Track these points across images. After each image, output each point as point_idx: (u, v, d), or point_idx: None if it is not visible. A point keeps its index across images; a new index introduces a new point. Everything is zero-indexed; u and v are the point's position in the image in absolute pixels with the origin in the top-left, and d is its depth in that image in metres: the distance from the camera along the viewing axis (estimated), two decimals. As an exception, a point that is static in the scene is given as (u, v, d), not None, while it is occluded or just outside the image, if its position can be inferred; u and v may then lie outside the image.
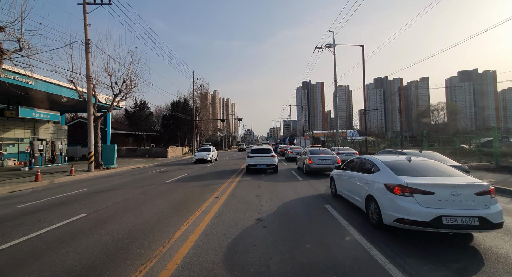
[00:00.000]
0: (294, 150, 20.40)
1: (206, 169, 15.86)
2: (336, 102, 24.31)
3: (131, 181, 11.06)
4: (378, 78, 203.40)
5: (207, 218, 4.96)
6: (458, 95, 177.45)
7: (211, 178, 11.13)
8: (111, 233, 4.23)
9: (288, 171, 13.32)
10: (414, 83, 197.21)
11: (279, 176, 11.39)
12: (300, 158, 13.21)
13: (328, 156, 11.18)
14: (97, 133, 16.16)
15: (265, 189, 8.05)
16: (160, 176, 12.43)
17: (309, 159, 11.10)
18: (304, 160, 11.95)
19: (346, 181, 5.74)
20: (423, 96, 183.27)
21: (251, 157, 12.58)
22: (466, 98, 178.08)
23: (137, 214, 5.41)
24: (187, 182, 10.07)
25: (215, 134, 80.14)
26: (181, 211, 5.59)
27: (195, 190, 8.14)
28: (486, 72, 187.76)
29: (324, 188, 8.18)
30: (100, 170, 15.70)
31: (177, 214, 5.35)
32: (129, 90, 17.44)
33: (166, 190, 8.38)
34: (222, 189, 8.33)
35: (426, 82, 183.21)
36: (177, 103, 39.69)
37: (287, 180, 10.21)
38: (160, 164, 21.34)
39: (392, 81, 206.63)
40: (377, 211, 4.06)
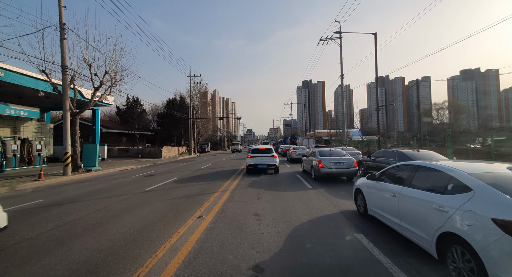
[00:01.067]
0: (298, 150, 18.51)
1: (200, 171, 13.98)
2: (343, 98, 22.41)
3: (105, 188, 9.18)
4: (380, 77, 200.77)
5: (173, 265, 3.07)
6: (460, 95, 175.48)
7: (201, 185, 9.24)
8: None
9: (293, 175, 11.44)
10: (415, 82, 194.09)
11: (282, 182, 9.52)
12: (307, 159, 11.32)
13: (342, 158, 9.28)
14: (75, 132, 14.28)
15: (266, 203, 6.16)
16: (142, 181, 10.55)
17: (319, 161, 9.20)
18: (312, 163, 10.06)
19: (389, 200, 3.83)
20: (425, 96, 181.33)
21: (252, 157, 12.14)
22: (469, 97, 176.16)
23: (68, 254, 3.52)
24: (170, 190, 8.18)
25: (214, 134, 78.36)
26: (139, 246, 3.69)
27: (175, 204, 6.25)
28: (488, 71, 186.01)
29: (344, 201, 6.28)
30: (79, 173, 13.83)
31: (129, 253, 3.45)
32: (113, 83, 15.54)
33: (137, 203, 6.49)
34: (211, 201, 6.44)
35: (428, 82, 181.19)
36: (173, 100, 37.73)
37: (293, 187, 8.33)
38: (151, 165, 19.47)
39: (394, 80, 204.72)
40: (473, 268, 2.19)
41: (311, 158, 10.52)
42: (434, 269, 2.79)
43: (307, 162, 11.14)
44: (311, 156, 10.89)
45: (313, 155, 10.52)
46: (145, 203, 6.40)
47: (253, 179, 10.52)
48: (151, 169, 16.42)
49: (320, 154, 9.86)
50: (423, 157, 8.66)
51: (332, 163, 9.01)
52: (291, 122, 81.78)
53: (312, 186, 8.52)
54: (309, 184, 8.92)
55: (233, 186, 8.75)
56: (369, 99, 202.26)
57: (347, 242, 3.72)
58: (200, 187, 8.77)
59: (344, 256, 3.21)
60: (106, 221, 4.98)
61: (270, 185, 8.96)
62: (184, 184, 9.59)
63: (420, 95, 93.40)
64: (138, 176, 12.55)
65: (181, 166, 18.01)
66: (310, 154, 11.34)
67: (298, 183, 9.33)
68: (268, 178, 10.75)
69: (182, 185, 9.22)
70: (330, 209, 5.56)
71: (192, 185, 9.14)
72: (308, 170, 11.20)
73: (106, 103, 23.19)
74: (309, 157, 11.17)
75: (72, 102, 14.35)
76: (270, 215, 5.07)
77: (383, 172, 4.38)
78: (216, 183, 9.58)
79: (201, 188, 8.44)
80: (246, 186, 8.82)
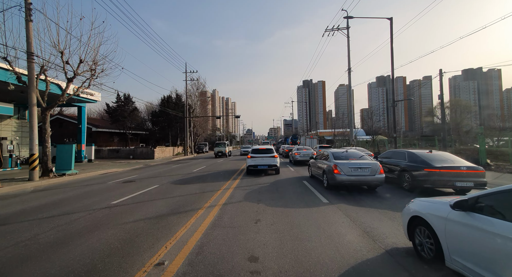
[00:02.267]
0: (302, 151, 16.54)
1: (190, 175, 12.03)
2: (350, 94, 20.48)
3: (63, 200, 7.23)
4: (381, 77, 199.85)
5: None
6: (462, 94, 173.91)
7: (184, 197, 7.27)
8: None
9: (299, 181, 9.48)
10: (417, 82, 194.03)
11: (287, 191, 7.57)
12: (316, 163, 9.37)
13: (363, 162, 7.29)
14: (45, 130, 12.32)
15: (268, 231, 4.19)
16: (115, 190, 8.59)
17: (334, 166, 7.25)
18: (323, 167, 8.12)
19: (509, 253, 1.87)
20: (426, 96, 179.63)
21: (252, 157, 11.74)
22: (471, 97, 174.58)
23: None
24: (141, 205, 6.23)
25: (214, 134, 76.59)
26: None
27: (134, 232, 4.28)
28: (491, 71, 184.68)
29: (383, 228, 4.33)
30: (49, 178, 11.88)
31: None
32: (93, 74, 13.59)
33: (82, 229, 4.52)
34: (187, 227, 4.48)
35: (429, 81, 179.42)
36: (168, 98, 35.69)
37: (302, 200, 6.37)
38: (139, 168, 17.52)
39: (395, 80, 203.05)
40: None
41: (322, 162, 8.56)
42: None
43: (317, 165, 9.18)
44: (322, 158, 8.92)
45: (325, 157, 8.56)
46: (93, 230, 4.44)
47: (251, 186, 8.57)
48: (136, 173, 14.46)
49: (335, 156, 7.90)
50: (439, 159, 7.21)
51: (351, 168, 7.05)
52: (292, 122, 79.82)
53: (327, 198, 6.56)
54: (322, 195, 6.96)
55: (225, 198, 6.80)
56: (370, 99, 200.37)
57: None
58: (181, 200, 6.81)
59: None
60: (9, 271, 3.02)
61: (272, 195, 7.01)
62: (163, 194, 7.62)
63: (422, 95, 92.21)
64: (115, 182, 10.58)
65: (171, 169, 16.06)
66: (320, 156, 9.37)
67: (307, 193, 7.37)
68: (270, 185, 8.80)
69: (159, 197, 7.25)
70: (367, 244, 3.59)
71: (173, 197, 7.17)
72: (317, 176, 9.24)
73: (92, 99, 21.26)
74: (319, 159, 9.21)
75: (43, 96, 12.41)
76: (274, 260, 3.12)
77: (486, 196, 2.42)
78: (204, 194, 7.61)
79: (181, 202, 6.48)
80: (241, 197, 6.86)
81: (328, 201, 6.30)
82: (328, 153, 8.39)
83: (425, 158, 7.50)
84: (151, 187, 9.07)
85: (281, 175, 11.62)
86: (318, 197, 6.76)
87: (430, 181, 7.08)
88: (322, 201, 6.28)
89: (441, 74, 16.37)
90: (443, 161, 7.27)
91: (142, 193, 7.94)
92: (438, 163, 7.19)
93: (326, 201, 6.30)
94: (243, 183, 9.41)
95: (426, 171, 7.19)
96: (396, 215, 4.98)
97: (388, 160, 8.90)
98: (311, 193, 7.32)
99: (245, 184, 9.15)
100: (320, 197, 6.73)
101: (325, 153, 8.80)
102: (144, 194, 7.77)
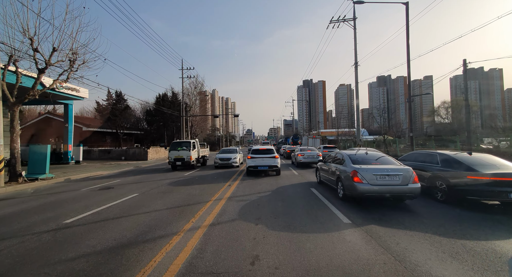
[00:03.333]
0: (306, 153, 14.98)
1: (179, 180, 10.47)
2: (357, 88, 18.93)
3: (14, 214, 5.68)
4: (381, 77, 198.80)
5: None
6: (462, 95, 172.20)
7: (162, 212, 5.72)
8: None
9: (306, 189, 7.92)
10: (418, 81, 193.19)
11: (294, 203, 6.01)
12: (327, 167, 7.81)
13: (391, 168, 5.69)
14: (13, 128, 10.76)
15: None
16: (84, 201, 7.03)
17: (354, 172, 5.69)
18: (337, 173, 6.56)
19: None
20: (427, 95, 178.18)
21: (252, 158, 11.48)
22: (472, 97, 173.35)
23: None
24: (100, 226, 4.66)
25: (213, 134, 75.20)
26: None
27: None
28: (492, 71, 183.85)
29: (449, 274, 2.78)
30: (17, 184, 10.32)
31: None
32: (71, 66, 12.05)
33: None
34: (146, 273, 2.92)
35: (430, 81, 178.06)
36: (163, 96, 34.06)
37: (316, 219, 4.81)
38: (128, 171, 15.96)
39: (396, 80, 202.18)
40: None
41: (335, 166, 7.00)
42: None
43: (328, 170, 7.63)
44: (334, 162, 7.36)
45: (338, 160, 7.01)
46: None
47: (249, 195, 7.02)
48: (121, 176, 12.90)
49: (353, 159, 6.32)
50: (484, 163, 5.80)
51: (376, 175, 5.49)
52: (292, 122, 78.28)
53: (348, 215, 5.00)
54: (340, 210, 5.41)
55: (214, 214, 5.25)
56: (370, 99, 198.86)
57: None
58: (157, 217, 5.25)
59: None
60: None
61: (275, 209, 5.46)
62: (137, 209, 6.06)
63: (422, 95, 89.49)
64: (90, 189, 9.01)
65: (161, 172, 14.50)
66: (331, 158, 7.80)
67: (319, 206, 5.82)
68: (272, 194, 7.25)
69: (130, 212, 5.68)
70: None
71: (147, 213, 5.60)
72: (328, 182, 7.68)
73: (77, 96, 19.67)
74: (330, 163, 7.64)
75: (12, 90, 10.86)
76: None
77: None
78: (188, 208, 6.05)
79: (155, 222, 4.91)
80: (235, 213, 5.30)
81: (349, 220, 4.74)
82: (343, 155, 6.83)
83: (467, 161, 5.98)
84: (128, 196, 7.52)
85: (284, 180, 10.08)
86: (335, 213, 5.19)
87: (475, 192, 5.55)
88: (342, 221, 4.72)
89: (465, 65, 14.77)
90: (489, 166, 5.75)
91: (112, 205, 6.37)
92: (485, 168, 5.67)
93: (347, 220, 4.74)
94: (239, 191, 7.85)
95: (470, 179, 5.66)
96: (460, 246, 3.42)
97: (412, 164, 7.37)
98: (324, 207, 5.76)
99: (242, 193, 7.59)
100: (338, 213, 5.17)
101: (338, 155, 7.24)
102: (114, 207, 6.21)
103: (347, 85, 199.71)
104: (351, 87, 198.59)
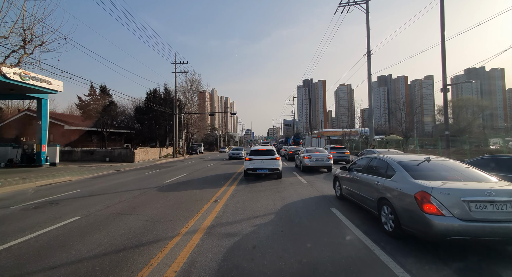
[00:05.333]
0: (314, 155, 12.50)
1: (155, 189, 7.99)
2: (370, 81, 16.61)
3: None
4: (382, 76, 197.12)
5: None
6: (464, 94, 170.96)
7: (96, 260, 3.23)
8: None
9: (326, 211, 5.45)
10: (418, 81, 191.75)
11: (314, 242, 3.53)
12: (355, 179, 5.34)
13: (495, 189, 3.24)
14: None
15: None
16: None
17: (423, 196, 3.23)
18: (386, 193, 4.09)
19: None
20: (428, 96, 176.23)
21: (250, 160, 10.47)
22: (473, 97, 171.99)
23: None
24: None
25: (211, 134, 72.92)
26: None
27: None
28: (494, 71, 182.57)
29: None
30: None
31: None
32: (23, 46, 9.60)
33: None
34: None
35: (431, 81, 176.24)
36: (154, 92, 31.53)
37: (350, 266, 2.36)
38: (103, 176, 13.50)
39: (397, 80, 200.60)
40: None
41: (374, 179, 4.54)
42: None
43: (357, 183, 5.16)
44: (370, 172, 4.89)
45: (378, 170, 4.56)
46: None
47: (241, 221, 4.57)
48: (88, 185, 10.40)
49: (411, 170, 3.84)
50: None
51: (469, 202, 3.02)
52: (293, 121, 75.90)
53: (407, 267, 2.56)
54: (402, 265, 2.96)
55: (183, 257, 2.80)
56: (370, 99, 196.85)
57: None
58: (88, 266, 2.76)
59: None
60: None
61: (283, 262, 3.01)
62: (64, 249, 3.58)
63: (423, 95, 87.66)
64: (24, 206, 6.51)
65: (140, 178, 12.04)
66: (365, 167, 5.30)
67: (355, 245, 3.39)
68: (275, 218, 4.79)
69: (47, 259, 3.20)
70: None
71: (74, 263, 3.13)
72: (358, 201, 5.21)
73: (49, 88, 17.13)
74: (361, 173, 5.18)
75: None
76: None
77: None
78: (132, 253, 3.57)
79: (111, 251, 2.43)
80: (218, 261, 2.85)
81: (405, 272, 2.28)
82: (389, 161, 4.35)
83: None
84: (62, 221, 5.05)
85: (290, 191, 7.64)
86: (388, 265, 2.75)
87: None
88: None
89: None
90: None
91: (27, 240, 3.90)
92: None
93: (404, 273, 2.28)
94: (228, 213, 5.39)
95: None
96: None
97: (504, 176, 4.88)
98: (365, 249, 3.33)
99: (231, 217, 5.13)
100: (391, 265, 2.73)
101: (378, 162, 4.77)
102: (30, 243, 3.74)
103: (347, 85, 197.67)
104: (351, 87, 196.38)
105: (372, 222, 4.58)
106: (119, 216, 5.29)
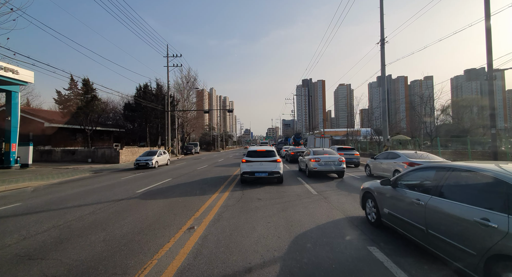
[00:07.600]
0: (323, 157, 10.38)
1: (120, 203, 5.87)
2: (384, 71, 14.58)
3: None
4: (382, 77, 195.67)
5: None
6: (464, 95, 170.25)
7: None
8: None
9: (360, 246, 3.36)
10: (418, 82, 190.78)
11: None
12: (412, 201, 3.24)
13: None
14: None
15: None
16: None
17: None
18: (501, 241, 2.02)
19: None
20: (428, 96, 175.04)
21: (248, 162, 9.20)
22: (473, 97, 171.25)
23: None
24: None
25: (208, 134, 70.78)
26: None
27: None
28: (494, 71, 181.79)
29: None
30: None
31: None
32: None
33: None
34: None
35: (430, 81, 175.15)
36: (144, 88, 29.28)
37: None
38: (76, 180, 11.37)
39: (396, 80, 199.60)
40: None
41: (496, 223, 2.46)
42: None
43: (440, 219, 3.06)
44: (464, 198, 2.80)
45: (498, 192, 2.48)
46: None
47: (230, 264, 2.50)
48: (42, 194, 8.24)
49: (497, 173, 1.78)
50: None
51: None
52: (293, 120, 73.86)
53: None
54: None
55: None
56: (370, 99, 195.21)
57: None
58: None
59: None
60: None
61: None
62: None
63: (423, 95, 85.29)
64: None
65: (113, 184, 9.88)
66: (435, 182, 3.20)
67: None
68: (283, 266, 2.71)
69: None
70: None
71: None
72: (424, 244, 3.12)
73: (16, 79, 14.79)
74: (447, 199, 3.09)
75: None
76: None
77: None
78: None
79: None
80: None
81: None
82: (499, 175, 2.27)
83: None
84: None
85: (299, 210, 5.54)
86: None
87: None
88: None
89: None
90: None
91: None
92: None
93: None
94: (201, 262, 3.28)
95: None
96: None
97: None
98: None
99: (206, 272, 3.01)
100: None
101: (468, 178, 2.69)
102: None
103: (347, 85, 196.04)
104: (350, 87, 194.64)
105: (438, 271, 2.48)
106: (20, 263, 3.15)
